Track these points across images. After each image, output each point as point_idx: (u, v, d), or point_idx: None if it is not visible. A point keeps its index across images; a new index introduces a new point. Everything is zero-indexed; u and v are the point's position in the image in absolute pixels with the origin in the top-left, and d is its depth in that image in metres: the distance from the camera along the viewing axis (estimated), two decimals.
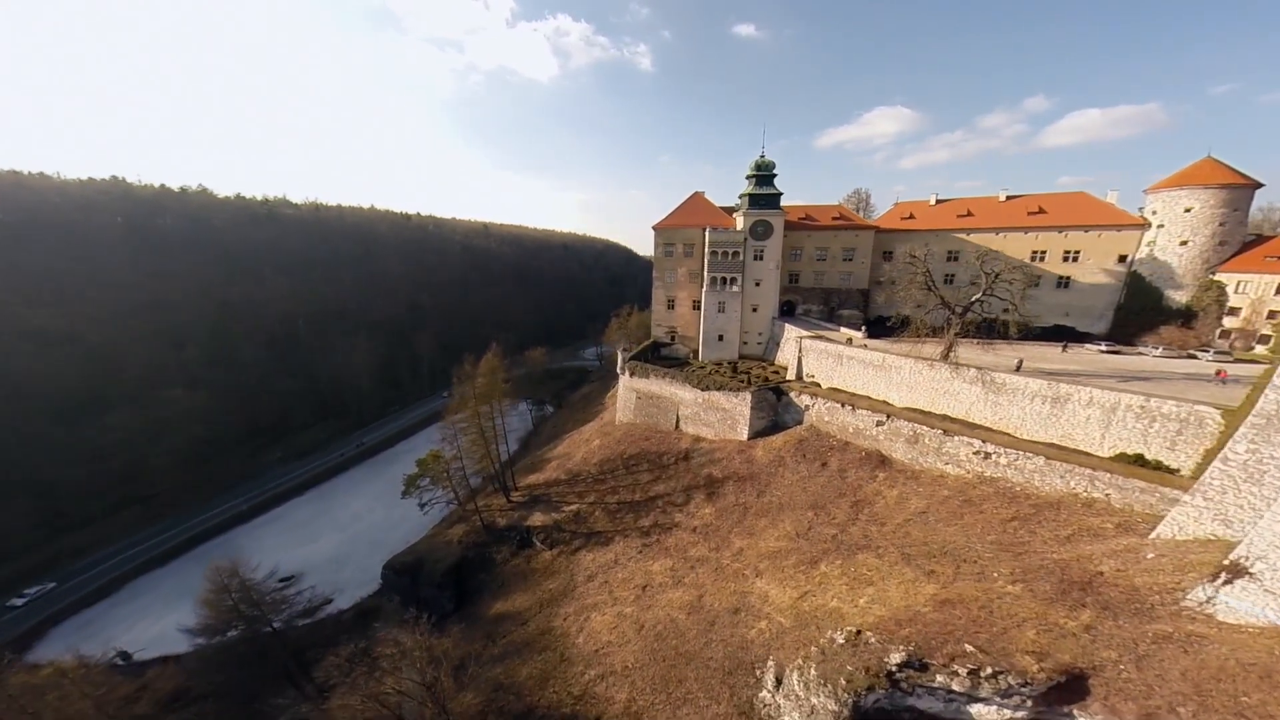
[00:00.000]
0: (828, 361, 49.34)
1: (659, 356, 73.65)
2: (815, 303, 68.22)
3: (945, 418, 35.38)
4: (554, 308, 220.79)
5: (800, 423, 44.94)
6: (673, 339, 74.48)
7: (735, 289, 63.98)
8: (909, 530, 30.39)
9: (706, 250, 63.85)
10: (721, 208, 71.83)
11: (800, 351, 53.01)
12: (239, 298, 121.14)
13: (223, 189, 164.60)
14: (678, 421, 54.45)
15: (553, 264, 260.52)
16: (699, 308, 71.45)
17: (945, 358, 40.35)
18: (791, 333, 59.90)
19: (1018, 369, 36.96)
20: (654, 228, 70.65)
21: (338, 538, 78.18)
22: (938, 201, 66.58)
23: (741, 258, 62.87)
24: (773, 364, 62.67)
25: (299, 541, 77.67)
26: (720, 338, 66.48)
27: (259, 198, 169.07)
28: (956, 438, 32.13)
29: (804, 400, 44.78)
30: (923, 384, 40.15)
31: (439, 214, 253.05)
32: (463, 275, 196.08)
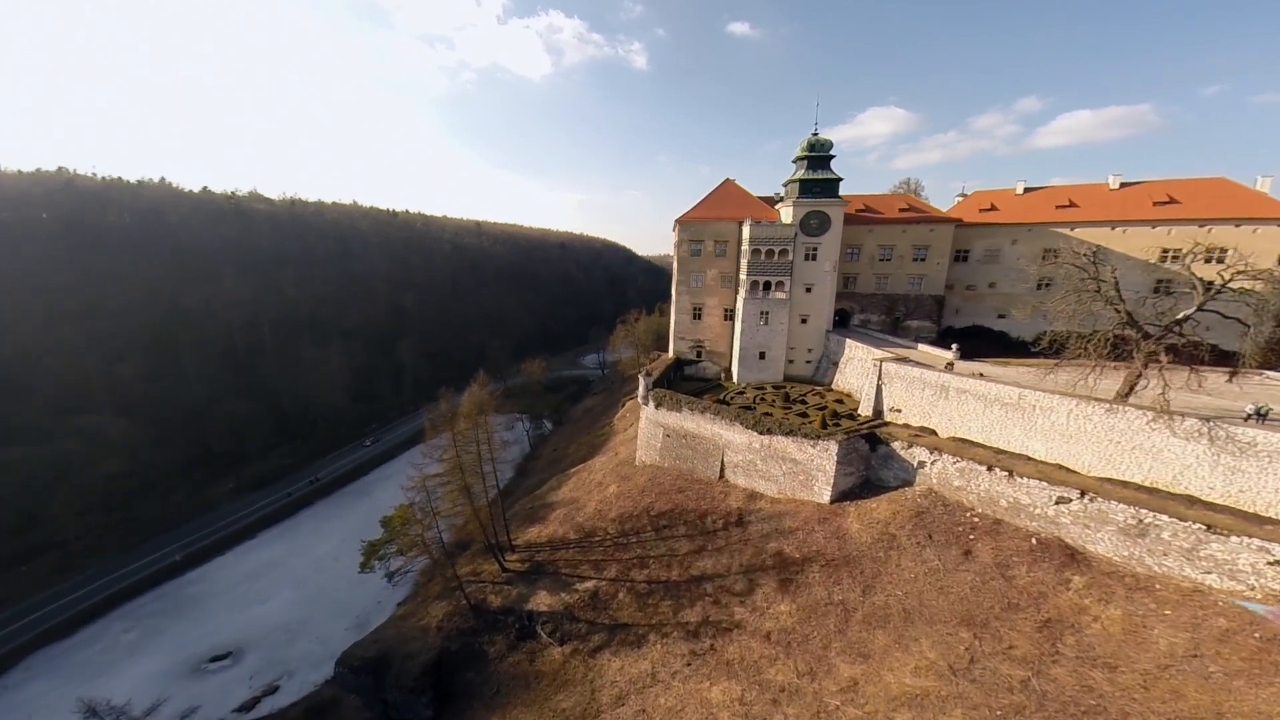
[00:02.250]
0: (924, 394, 37.35)
1: (683, 377, 61.41)
2: (876, 312, 56.38)
3: (1191, 499, 23.36)
4: (551, 310, 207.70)
5: (909, 483, 32.79)
6: (699, 355, 62.28)
7: (781, 295, 51.97)
8: (1180, 688, 18.40)
9: (746, 248, 51.81)
10: (760, 198, 59.83)
11: (880, 379, 40.98)
12: (194, 303, 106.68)
13: (194, 185, 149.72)
14: (723, 470, 42.13)
15: (549, 264, 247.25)
16: (731, 318, 59.39)
17: (1126, 397, 28.58)
18: (857, 351, 47.92)
19: (1256, 419, 25.20)
20: (678, 221, 58.47)
21: (292, 596, 64.60)
22: (1025, 190, 55.10)
23: (790, 257, 50.85)
24: (828, 388, 50.71)
25: (244, 601, 63.98)
26: (761, 355, 54.40)
27: (227, 192, 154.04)
28: (1234, 537, 20.18)
29: (917, 454, 32.60)
30: (1092, 435, 28.30)
31: (430, 212, 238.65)
32: (452, 276, 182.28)
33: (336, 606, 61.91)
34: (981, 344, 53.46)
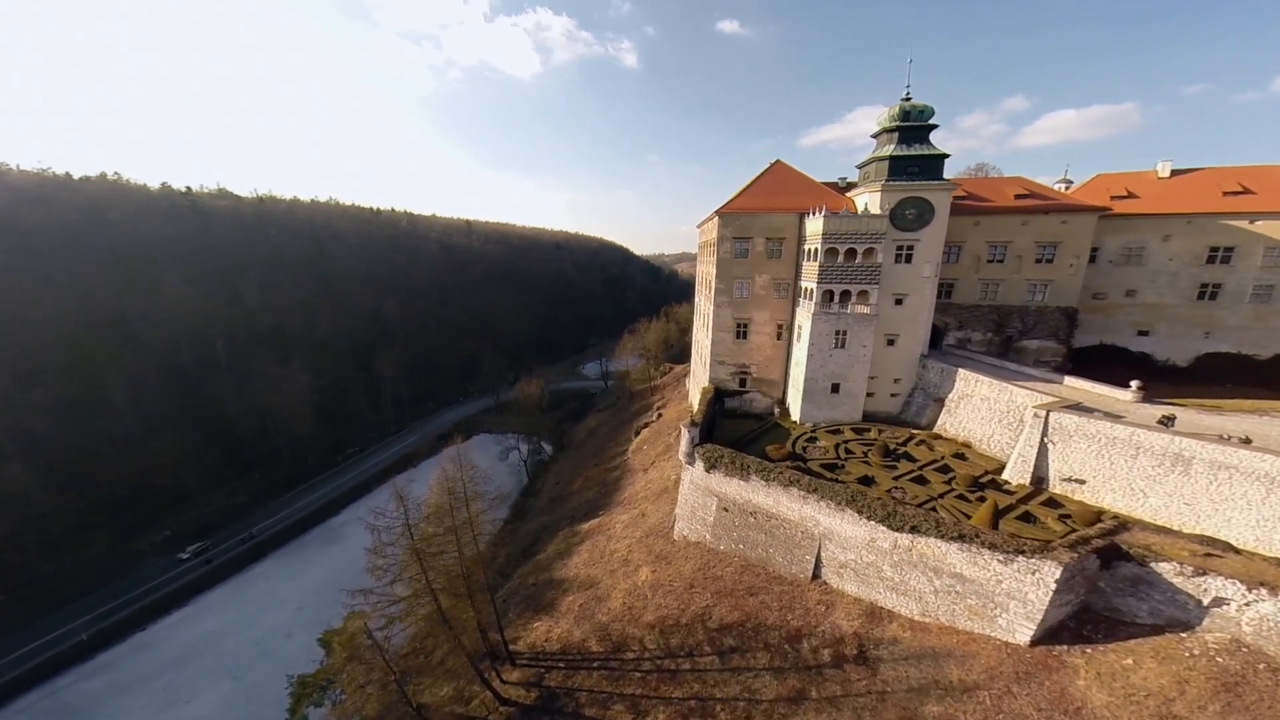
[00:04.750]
0: (1137, 465, 24.94)
1: (723, 411, 48.57)
2: (979, 328, 43.95)
3: None
4: (547, 314, 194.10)
5: (1187, 627, 19.96)
6: (743, 384, 49.50)
7: (864, 309, 39.39)
8: None
9: (816, 247, 39.21)
10: (826, 184, 47.33)
11: (1046, 435, 28.46)
12: (133, 315, 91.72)
13: (154, 182, 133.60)
14: (818, 567, 29.27)
15: (544, 264, 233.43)
16: (788, 337, 46.84)
17: None
18: (980, 386, 35.46)
19: None
20: (719, 213, 45.65)
21: (227, 692, 50.56)
22: (1173, 173, 43.09)
23: (878, 259, 38.31)
24: (933, 434, 38.25)
25: (164, 699, 49.71)
26: (834, 388, 41.73)
27: (184, 188, 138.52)
28: None
29: (1211, 586, 19.31)
30: None
31: (416, 210, 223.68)
32: (439, 279, 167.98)
33: (284, 708, 48.14)
34: (1115, 368, 41.53)
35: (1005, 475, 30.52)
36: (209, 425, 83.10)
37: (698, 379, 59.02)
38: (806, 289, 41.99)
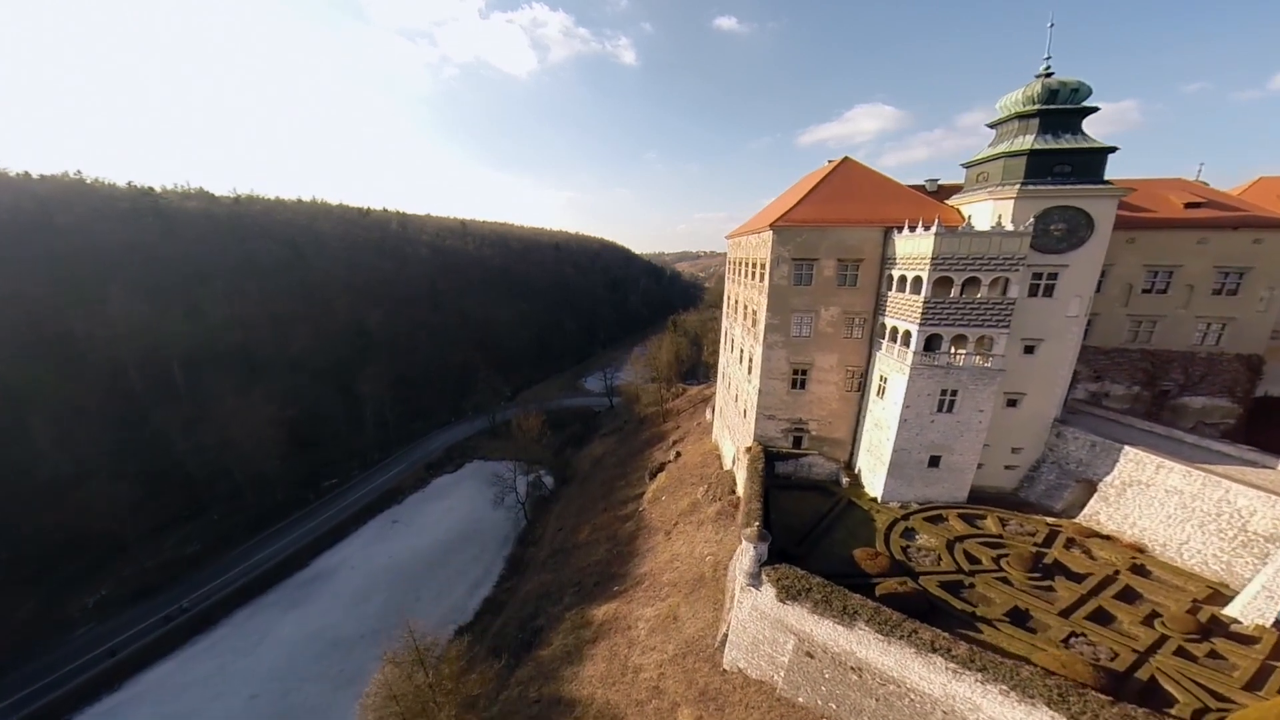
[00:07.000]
0: None
1: (774, 478, 38.18)
2: (1123, 380, 33.60)
3: None
4: (546, 320, 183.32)
5: None
6: (798, 444, 39.12)
7: (983, 361, 29.02)
8: None
9: (924, 275, 28.79)
10: (913, 187, 36.83)
11: None
12: (81, 333, 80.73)
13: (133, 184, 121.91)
14: None
15: (543, 267, 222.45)
16: (863, 388, 36.49)
17: None
18: (1170, 474, 25.18)
19: None
20: (774, 226, 34.92)
21: None
22: None
23: (1010, 292, 27.92)
24: (1085, 529, 27.94)
25: None
26: (934, 461, 31.42)
27: (147, 188, 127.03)
28: None
29: None
30: None
31: (409, 210, 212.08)
32: (430, 284, 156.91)
33: None
34: (1272, 429, 31.34)
35: (1233, 612, 20.39)
36: (160, 460, 72.38)
37: (733, 429, 48.57)
38: (897, 330, 31.63)
